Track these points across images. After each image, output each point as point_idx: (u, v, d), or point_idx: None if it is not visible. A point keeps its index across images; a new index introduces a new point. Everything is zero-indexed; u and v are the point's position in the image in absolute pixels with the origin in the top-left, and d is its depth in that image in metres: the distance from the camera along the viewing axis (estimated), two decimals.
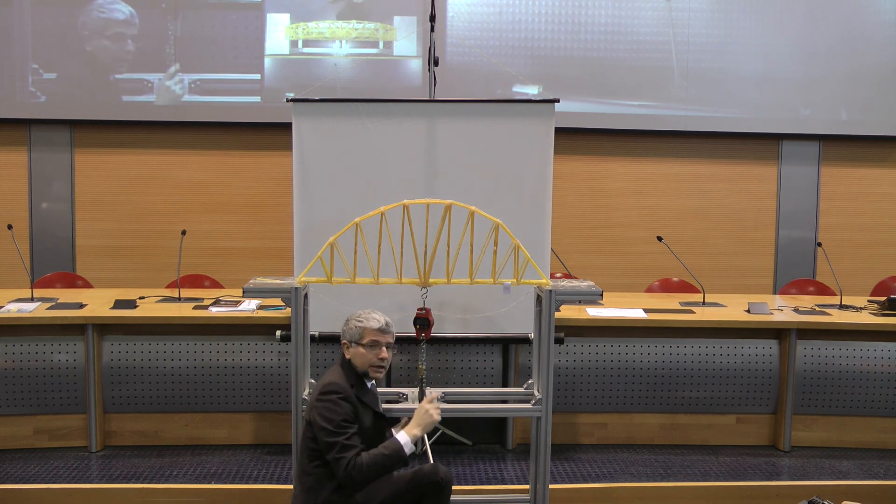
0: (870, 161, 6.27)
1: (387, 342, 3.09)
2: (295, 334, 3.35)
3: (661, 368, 4.45)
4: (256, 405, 4.38)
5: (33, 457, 4.19)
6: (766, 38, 6.04)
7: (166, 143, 5.98)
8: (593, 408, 4.47)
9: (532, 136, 4.13)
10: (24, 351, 4.25)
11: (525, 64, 5.93)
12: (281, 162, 5.63)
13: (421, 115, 4.17)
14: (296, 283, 3.39)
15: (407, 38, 5.90)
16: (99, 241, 6.00)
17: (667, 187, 6.20)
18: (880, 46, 6.09)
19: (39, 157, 5.97)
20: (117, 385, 4.31)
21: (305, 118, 4.14)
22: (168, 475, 3.99)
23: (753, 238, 6.27)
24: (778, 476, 4.16)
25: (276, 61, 5.92)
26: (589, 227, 6.13)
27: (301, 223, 4.16)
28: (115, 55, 5.85)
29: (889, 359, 4.47)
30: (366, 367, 3.06)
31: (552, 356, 3.39)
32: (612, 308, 4.59)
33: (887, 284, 5.74)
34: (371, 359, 3.05)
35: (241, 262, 5.93)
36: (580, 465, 4.22)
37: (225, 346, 4.35)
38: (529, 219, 4.07)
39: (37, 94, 5.85)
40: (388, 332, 3.09)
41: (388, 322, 3.10)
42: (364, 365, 3.06)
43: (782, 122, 6.13)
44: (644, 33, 5.99)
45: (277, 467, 4.12)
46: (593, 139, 6.11)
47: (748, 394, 4.48)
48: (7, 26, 5.79)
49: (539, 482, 3.40)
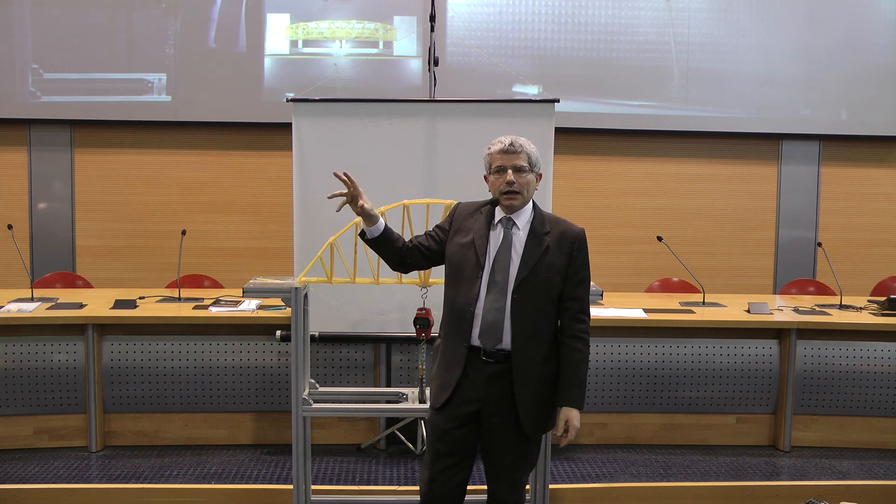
0: (870, 161, 6.27)
1: (513, 164, 2.73)
2: (295, 334, 3.35)
3: (661, 368, 4.45)
4: (256, 405, 4.38)
5: (33, 457, 4.19)
6: (766, 38, 6.04)
7: (166, 143, 5.98)
8: (593, 408, 4.47)
9: (532, 136, 4.09)
10: (24, 351, 4.25)
11: (525, 64, 5.92)
12: (281, 162, 5.63)
13: (421, 115, 4.17)
14: (296, 283, 3.39)
15: (407, 38, 5.90)
16: (99, 241, 5.99)
17: (667, 187, 6.20)
18: (880, 46, 6.09)
19: (39, 157, 5.97)
20: (117, 385, 4.31)
21: (305, 118, 4.15)
22: (168, 475, 3.99)
23: (753, 238, 6.27)
24: (778, 476, 4.16)
25: (276, 61, 5.92)
26: (589, 227, 6.07)
27: (301, 223, 4.16)
28: (116, 55, 5.85)
29: (889, 359, 4.47)
30: (497, 195, 2.77)
31: None
32: (612, 308, 4.59)
33: (887, 284, 5.74)
34: (499, 185, 2.75)
35: (241, 262, 5.93)
36: (580, 465, 4.22)
37: (225, 346, 4.35)
38: None
39: (37, 94, 5.85)
40: (511, 153, 2.74)
41: (513, 142, 2.75)
42: (496, 194, 2.77)
43: (782, 122, 6.12)
44: (644, 33, 5.99)
45: (277, 467, 4.12)
46: (593, 139, 6.11)
47: (748, 394, 4.48)
48: (7, 26, 5.79)
49: (539, 482, 3.40)
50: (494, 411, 2.74)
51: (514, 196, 2.74)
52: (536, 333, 2.73)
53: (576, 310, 2.76)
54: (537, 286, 2.72)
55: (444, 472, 2.79)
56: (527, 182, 2.76)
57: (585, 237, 2.83)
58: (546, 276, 2.72)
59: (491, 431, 2.76)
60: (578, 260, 2.78)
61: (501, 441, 2.75)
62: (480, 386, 2.74)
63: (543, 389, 2.76)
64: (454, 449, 2.77)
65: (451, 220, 2.88)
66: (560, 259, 2.75)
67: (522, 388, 2.71)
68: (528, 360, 2.71)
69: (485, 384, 2.73)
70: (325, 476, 4.04)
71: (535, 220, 2.79)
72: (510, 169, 2.73)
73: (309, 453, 3.52)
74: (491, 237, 2.76)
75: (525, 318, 2.70)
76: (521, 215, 2.79)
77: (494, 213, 2.80)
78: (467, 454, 2.81)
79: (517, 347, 2.70)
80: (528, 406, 2.72)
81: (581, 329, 2.76)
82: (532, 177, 2.78)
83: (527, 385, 2.72)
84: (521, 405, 2.71)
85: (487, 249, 2.74)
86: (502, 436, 2.74)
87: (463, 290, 2.74)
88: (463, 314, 2.73)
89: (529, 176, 2.76)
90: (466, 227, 2.80)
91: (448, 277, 2.81)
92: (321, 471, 4.08)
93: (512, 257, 2.73)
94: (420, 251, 2.87)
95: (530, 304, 2.71)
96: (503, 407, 2.73)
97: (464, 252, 2.76)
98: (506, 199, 2.75)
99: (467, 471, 2.83)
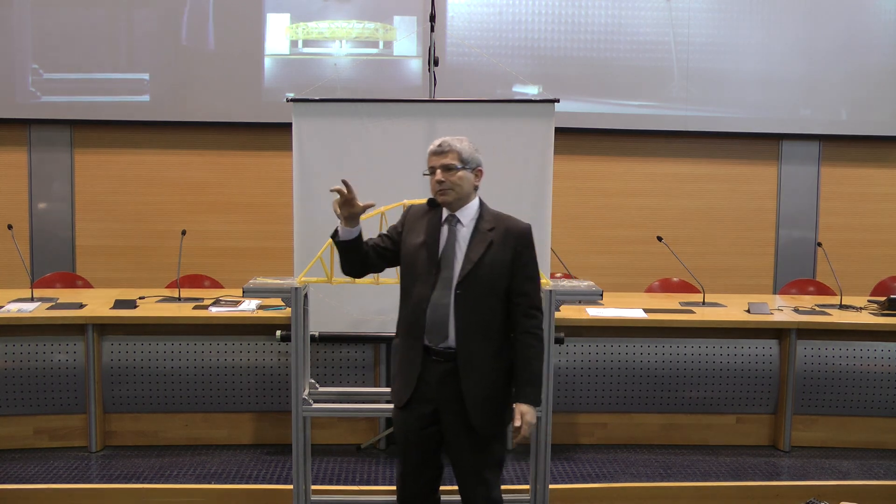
0: (870, 161, 6.27)
1: (441, 164, 2.78)
2: (295, 334, 3.35)
3: (661, 368, 4.45)
4: (256, 405, 4.38)
5: (33, 457, 4.19)
6: (766, 38, 6.04)
7: (166, 143, 5.98)
8: (593, 408, 4.47)
9: (532, 136, 4.13)
10: (24, 351, 4.25)
11: (525, 64, 5.93)
12: (281, 162, 5.62)
13: (421, 115, 4.17)
14: (296, 283, 3.39)
15: (407, 38, 5.90)
16: (99, 241, 6.00)
17: (667, 187, 6.20)
18: (880, 46, 6.09)
19: (39, 157, 5.97)
20: (117, 385, 4.31)
21: (305, 118, 4.14)
22: (168, 475, 3.99)
23: (753, 238, 6.27)
24: (778, 476, 4.15)
25: (276, 61, 5.92)
26: (589, 227, 6.13)
27: (301, 223, 4.16)
28: (115, 55, 5.84)
29: (889, 359, 4.47)
30: (434, 195, 2.82)
31: (552, 356, 3.39)
32: (612, 308, 4.59)
33: (887, 284, 5.74)
34: (432, 185, 2.81)
35: (241, 262, 5.93)
36: (580, 465, 4.22)
37: (225, 346, 4.35)
38: (529, 219, 4.02)
39: (37, 94, 5.85)
40: (439, 153, 2.79)
41: (442, 143, 2.80)
42: (433, 193, 2.83)
43: (782, 122, 6.13)
44: (644, 33, 5.99)
45: (277, 467, 4.12)
46: (593, 139, 6.11)
47: (748, 394, 4.48)
48: (7, 26, 5.79)
49: (539, 482, 3.40)
50: (449, 409, 2.77)
51: (446, 192, 2.77)
52: (482, 329, 2.75)
53: (525, 305, 2.78)
54: (481, 282, 2.74)
55: (415, 471, 2.86)
56: (458, 179, 2.78)
57: (531, 234, 2.84)
58: (490, 272, 2.75)
59: (449, 431, 2.79)
60: (524, 256, 2.80)
61: (459, 440, 2.78)
62: (434, 385, 2.78)
63: (495, 386, 2.78)
64: (421, 448, 2.83)
65: (403, 220, 2.92)
66: (504, 255, 2.77)
67: (470, 384, 2.74)
68: (475, 356, 2.74)
69: (438, 383, 2.77)
70: (325, 476, 4.04)
71: (481, 216, 2.83)
72: (439, 169, 2.78)
73: (309, 453, 3.52)
74: (441, 236, 2.81)
75: (469, 313, 2.73)
76: (466, 212, 2.82)
77: (442, 212, 2.84)
78: (435, 453, 2.86)
79: (462, 343, 2.73)
80: (477, 403, 2.74)
81: (533, 325, 2.78)
82: (465, 173, 2.80)
83: (475, 381, 2.74)
84: (470, 402, 2.73)
85: (438, 248, 2.79)
86: (459, 434, 2.77)
87: (417, 288, 2.78)
88: (416, 312, 2.77)
89: (461, 173, 2.79)
90: (418, 228, 2.85)
91: (403, 276, 2.86)
92: (321, 471, 4.08)
93: (456, 253, 2.77)
94: (377, 252, 2.90)
95: (474, 299, 2.73)
96: (456, 405, 2.76)
97: (417, 251, 2.81)
98: (439, 196, 2.79)
99: (437, 469, 2.88)
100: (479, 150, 2.86)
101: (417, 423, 2.81)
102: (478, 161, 2.85)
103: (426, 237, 2.80)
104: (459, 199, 2.80)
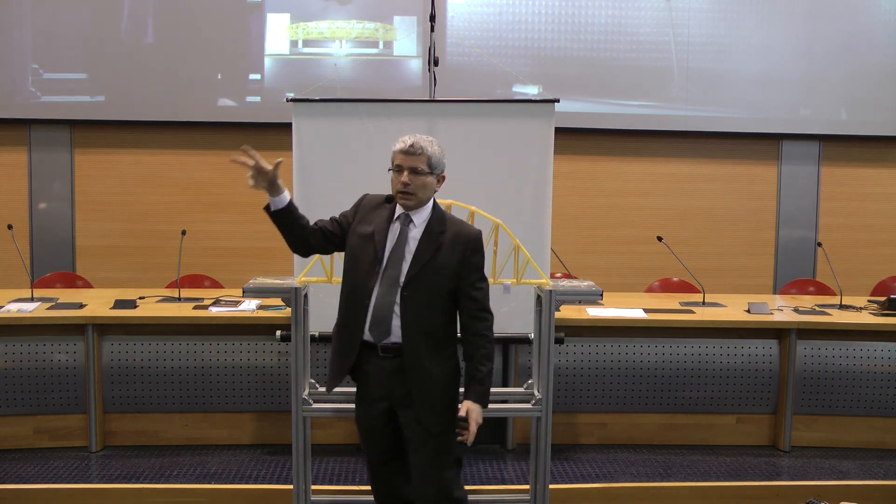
0: (870, 161, 6.27)
1: (410, 166, 2.74)
2: (295, 334, 3.35)
3: (661, 368, 4.45)
4: (256, 405, 4.38)
5: (33, 457, 4.19)
6: (766, 38, 6.04)
7: (166, 143, 5.98)
8: (593, 408, 4.47)
9: (532, 136, 4.13)
10: (24, 351, 4.25)
11: (525, 64, 5.93)
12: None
13: (421, 115, 4.17)
14: (296, 283, 3.39)
15: (407, 38, 5.90)
16: (99, 241, 6.00)
17: (667, 187, 6.20)
18: (880, 46, 6.09)
19: (39, 157, 5.97)
20: (117, 385, 4.31)
21: (305, 118, 4.14)
22: (168, 475, 3.99)
23: (753, 238, 6.27)
24: (778, 476, 4.16)
25: (276, 61, 5.92)
26: (589, 227, 6.13)
27: None
28: (115, 55, 5.84)
29: (889, 359, 4.47)
30: (395, 193, 2.79)
31: (552, 356, 3.39)
32: (612, 308, 4.59)
33: (887, 284, 5.74)
34: (396, 184, 2.78)
35: (241, 262, 5.92)
36: (580, 465, 4.22)
37: (225, 346, 4.35)
38: (529, 219, 4.07)
39: (37, 94, 5.85)
40: (411, 154, 2.74)
41: (414, 143, 2.75)
42: (394, 191, 2.80)
43: (782, 122, 6.13)
44: (644, 33, 5.99)
45: (277, 467, 4.12)
46: (593, 139, 6.11)
47: (748, 394, 4.48)
48: (7, 26, 5.79)
49: (539, 482, 3.40)
50: (402, 405, 2.80)
51: (409, 197, 2.77)
52: (428, 329, 2.76)
53: (474, 308, 2.79)
54: (428, 283, 2.75)
55: (381, 467, 2.94)
56: (423, 184, 2.77)
57: (481, 239, 2.85)
58: (437, 274, 2.76)
59: (406, 427, 2.82)
60: (472, 261, 2.79)
61: (413, 436, 2.80)
62: (385, 381, 2.80)
63: (444, 384, 2.79)
64: (381, 445, 2.89)
65: (356, 209, 2.91)
66: (452, 259, 2.77)
67: (418, 381, 2.76)
68: (421, 355, 2.75)
69: (388, 379, 2.80)
70: (325, 476, 4.04)
71: (433, 219, 2.82)
72: (407, 170, 2.75)
73: (309, 453, 3.52)
74: (390, 232, 2.81)
75: (415, 313, 2.74)
76: (420, 213, 2.82)
77: (395, 209, 2.84)
78: (397, 449, 2.89)
79: (408, 341, 2.74)
80: (426, 400, 2.77)
81: (482, 327, 2.80)
82: (431, 179, 2.79)
83: (423, 379, 2.76)
84: (419, 399, 2.76)
85: (386, 244, 2.79)
86: (413, 431, 2.80)
87: (360, 281, 2.79)
88: (357, 305, 2.78)
89: (428, 178, 2.78)
90: (369, 219, 2.84)
91: (346, 266, 2.86)
92: (321, 471, 4.08)
93: (405, 254, 2.77)
94: (324, 234, 2.90)
95: (420, 300, 2.75)
96: (407, 401, 2.78)
97: (363, 244, 2.81)
98: (401, 198, 2.78)
99: (402, 463, 2.91)
100: (445, 155, 2.84)
101: (377, 421, 2.85)
102: (443, 166, 2.84)
103: (375, 231, 2.81)
104: (419, 203, 2.80)
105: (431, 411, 2.78)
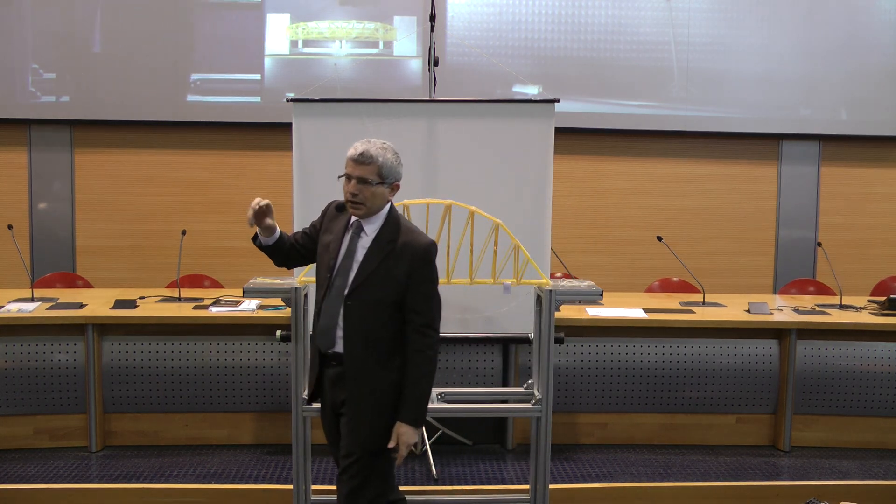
0: (870, 161, 6.27)
1: (357, 175, 2.66)
2: (295, 334, 3.35)
3: (661, 368, 4.45)
4: (256, 405, 4.38)
5: (33, 457, 4.19)
6: (766, 38, 6.04)
7: (166, 143, 5.98)
8: (593, 408, 4.47)
9: (532, 136, 4.13)
10: (24, 351, 4.25)
11: (525, 64, 5.93)
12: (281, 162, 5.62)
13: (421, 115, 4.17)
14: (296, 283, 3.39)
15: (407, 38, 5.90)
16: (99, 241, 6.00)
17: (667, 187, 6.20)
18: (880, 46, 6.09)
19: (39, 157, 5.97)
20: (117, 385, 4.31)
21: (305, 118, 4.14)
22: (168, 475, 3.99)
23: (753, 238, 6.27)
24: (778, 476, 4.16)
25: (276, 61, 5.92)
26: (589, 227, 6.13)
27: (301, 223, 4.15)
28: (115, 55, 5.84)
29: (889, 359, 4.47)
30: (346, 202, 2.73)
31: (552, 356, 3.39)
32: (612, 308, 4.59)
33: (887, 284, 5.74)
34: (345, 192, 2.71)
35: (241, 262, 5.91)
36: (580, 465, 4.22)
37: (225, 346, 4.35)
38: (529, 219, 4.07)
39: (37, 94, 5.85)
40: (360, 163, 2.66)
41: (364, 152, 2.66)
42: (344, 199, 2.73)
43: (782, 122, 6.13)
44: (644, 33, 5.99)
45: (277, 467, 4.12)
46: (593, 139, 6.11)
47: (748, 394, 4.48)
48: (7, 26, 5.79)
49: (539, 482, 3.40)
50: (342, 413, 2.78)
51: (358, 206, 2.70)
52: (370, 340, 2.70)
53: (418, 323, 2.69)
54: (372, 293, 2.68)
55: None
56: (371, 194, 2.68)
57: (431, 252, 2.73)
58: (382, 285, 2.68)
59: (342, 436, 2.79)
60: (420, 272, 2.70)
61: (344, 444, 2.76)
62: (329, 389, 2.82)
63: (381, 399, 2.71)
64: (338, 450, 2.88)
65: (322, 217, 2.91)
66: (399, 269, 2.68)
67: (355, 392, 2.71)
68: (361, 366, 2.70)
69: (331, 387, 2.81)
70: (325, 476, 4.04)
71: (385, 227, 2.74)
72: (354, 179, 2.67)
73: (309, 453, 3.52)
74: (343, 241, 2.77)
75: (358, 323, 2.70)
76: (373, 222, 2.74)
77: (350, 217, 2.79)
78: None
79: (348, 351, 2.71)
80: (361, 412, 2.71)
81: (425, 344, 2.69)
82: (381, 189, 2.70)
83: (360, 390, 2.71)
84: (355, 410, 2.71)
85: (339, 253, 2.76)
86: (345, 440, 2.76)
87: (318, 291, 2.80)
88: (317, 315, 2.80)
89: (378, 189, 2.68)
90: (331, 228, 2.83)
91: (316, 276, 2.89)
92: (321, 471, 4.08)
93: (352, 264, 2.72)
94: (297, 250, 2.92)
95: (363, 310, 2.69)
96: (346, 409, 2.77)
97: (323, 253, 2.82)
98: (350, 207, 2.71)
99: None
100: (401, 163, 2.75)
101: (328, 427, 2.89)
102: (397, 175, 2.74)
103: (332, 241, 2.79)
104: (369, 212, 2.73)
105: (364, 424, 2.71)
